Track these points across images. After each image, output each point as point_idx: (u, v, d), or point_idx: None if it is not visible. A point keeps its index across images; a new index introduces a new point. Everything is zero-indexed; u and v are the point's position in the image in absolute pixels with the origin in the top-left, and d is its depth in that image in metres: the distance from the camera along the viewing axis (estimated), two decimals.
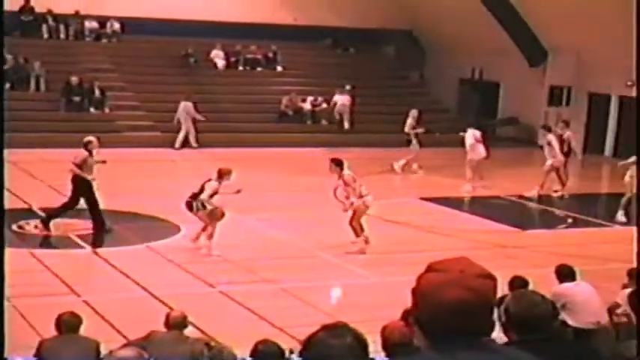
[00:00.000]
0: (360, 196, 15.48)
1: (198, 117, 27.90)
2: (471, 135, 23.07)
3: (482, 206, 20.50)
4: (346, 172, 15.58)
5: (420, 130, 25.02)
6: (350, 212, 15.61)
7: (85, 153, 16.44)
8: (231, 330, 10.71)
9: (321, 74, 32.49)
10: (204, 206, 15.05)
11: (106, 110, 28.84)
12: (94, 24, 31.65)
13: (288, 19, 33.51)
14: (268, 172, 23.77)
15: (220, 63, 32.30)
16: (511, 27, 30.50)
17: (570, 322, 9.84)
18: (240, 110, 30.24)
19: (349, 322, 3.82)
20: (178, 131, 27.69)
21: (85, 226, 16.45)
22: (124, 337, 9.70)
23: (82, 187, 16.24)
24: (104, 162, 16.71)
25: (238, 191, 15.40)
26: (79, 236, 15.79)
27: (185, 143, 27.73)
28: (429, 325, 2.70)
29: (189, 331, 8.63)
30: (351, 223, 15.62)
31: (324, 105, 30.66)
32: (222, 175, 15.18)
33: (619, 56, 26.89)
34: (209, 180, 15.16)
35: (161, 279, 13.66)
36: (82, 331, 8.45)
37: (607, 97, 29.76)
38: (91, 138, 16.79)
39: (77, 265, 14.41)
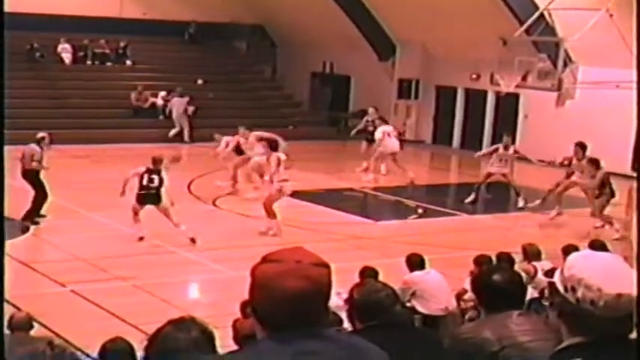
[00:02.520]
0: (278, 181, 16.14)
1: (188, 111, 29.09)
2: (380, 131, 23.17)
3: (335, 199, 20.74)
4: (278, 154, 16.21)
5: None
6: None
7: (39, 149, 16.85)
8: (84, 329, 10.52)
9: (172, 69, 32.23)
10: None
11: None
12: None
13: (138, 13, 33.02)
14: (120, 169, 23.37)
15: (67, 58, 31.56)
16: (360, 21, 30.97)
17: (420, 309, 10.10)
18: (90, 106, 29.66)
19: (203, 316, 3.82)
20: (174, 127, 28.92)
21: None
22: None
23: (35, 178, 16.63)
24: (47, 168, 17.06)
25: None
26: None
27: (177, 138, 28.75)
28: (267, 315, 2.71)
29: (36, 331, 8.42)
30: (265, 205, 16.37)
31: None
32: (156, 162, 15.71)
33: (464, 50, 27.78)
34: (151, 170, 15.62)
35: (8, 280, 13.27)
36: None
37: (453, 90, 30.59)
38: (43, 134, 17.23)
39: None
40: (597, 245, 10.54)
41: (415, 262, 10.40)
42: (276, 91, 34.56)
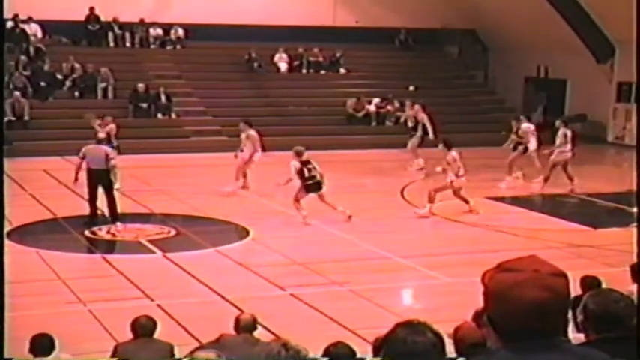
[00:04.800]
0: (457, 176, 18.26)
1: None
2: (563, 134, 22.10)
3: (551, 205, 20.27)
4: (452, 153, 18.42)
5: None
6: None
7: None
8: (302, 332, 10.72)
9: (384, 76, 32.46)
10: None
11: (173, 116, 29.18)
12: (159, 31, 32.06)
13: (350, 22, 33.55)
14: (334, 175, 23.79)
15: (283, 66, 32.47)
16: (576, 23, 30.12)
17: None
18: (305, 113, 30.37)
19: None
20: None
21: (156, 231, 16.70)
22: (197, 339, 9.79)
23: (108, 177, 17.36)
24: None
25: None
26: (150, 241, 16.00)
27: None
28: (505, 325, 2.67)
29: (259, 333, 8.68)
30: (456, 195, 18.51)
31: (389, 107, 30.60)
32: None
33: None
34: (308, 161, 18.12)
35: (231, 282, 13.78)
36: (156, 334, 8.54)
37: None
38: (104, 135, 19.10)
39: (149, 269, 14.59)
40: None
41: None
42: (488, 96, 34.16)
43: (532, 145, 22.67)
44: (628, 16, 27.78)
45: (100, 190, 16.97)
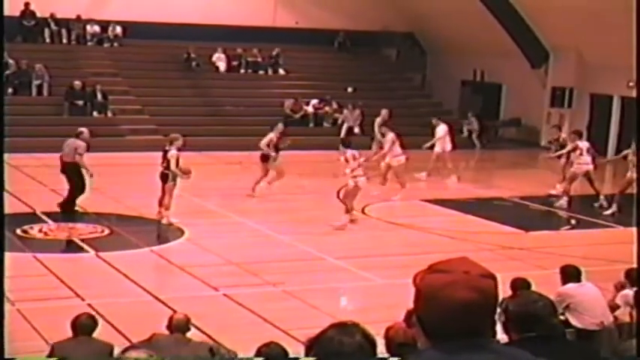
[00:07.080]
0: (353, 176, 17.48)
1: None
2: (443, 129, 23.60)
3: (485, 208, 20.49)
4: (353, 151, 17.83)
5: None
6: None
7: (82, 143, 17.81)
8: (235, 333, 10.72)
9: (323, 77, 32.53)
10: (174, 178, 17.09)
11: (109, 114, 28.90)
12: (96, 28, 31.72)
13: (290, 22, 33.54)
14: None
15: (222, 66, 32.36)
16: (512, 28, 30.53)
17: (574, 322, 9.82)
18: (243, 114, 30.29)
19: None
20: None
21: (89, 230, 16.52)
22: (128, 340, 9.71)
23: (77, 170, 17.70)
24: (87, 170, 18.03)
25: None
26: (83, 240, 15.82)
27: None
28: (433, 325, 2.70)
29: (192, 333, 8.64)
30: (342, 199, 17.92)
31: (327, 108, 30.67)
32: (172, 141, 17.35)
33: (621, 56, 26.89)
34: (166, 151, 17.24)
35: (165, 282, 13.68)
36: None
37: (609, 98, 29.73)
38: (82, 129, 18.21)
39: (81, 268, 14.43)
40: None
41: (570, 274, 10.10)
42: (425, 99, 34.44)
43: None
44: (562, 22, 28.32)
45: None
